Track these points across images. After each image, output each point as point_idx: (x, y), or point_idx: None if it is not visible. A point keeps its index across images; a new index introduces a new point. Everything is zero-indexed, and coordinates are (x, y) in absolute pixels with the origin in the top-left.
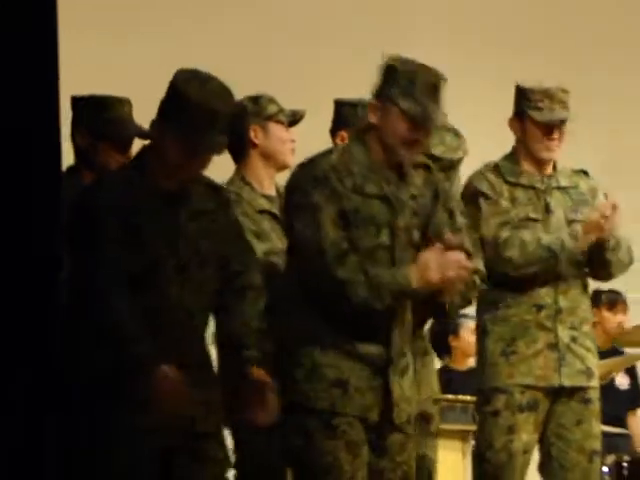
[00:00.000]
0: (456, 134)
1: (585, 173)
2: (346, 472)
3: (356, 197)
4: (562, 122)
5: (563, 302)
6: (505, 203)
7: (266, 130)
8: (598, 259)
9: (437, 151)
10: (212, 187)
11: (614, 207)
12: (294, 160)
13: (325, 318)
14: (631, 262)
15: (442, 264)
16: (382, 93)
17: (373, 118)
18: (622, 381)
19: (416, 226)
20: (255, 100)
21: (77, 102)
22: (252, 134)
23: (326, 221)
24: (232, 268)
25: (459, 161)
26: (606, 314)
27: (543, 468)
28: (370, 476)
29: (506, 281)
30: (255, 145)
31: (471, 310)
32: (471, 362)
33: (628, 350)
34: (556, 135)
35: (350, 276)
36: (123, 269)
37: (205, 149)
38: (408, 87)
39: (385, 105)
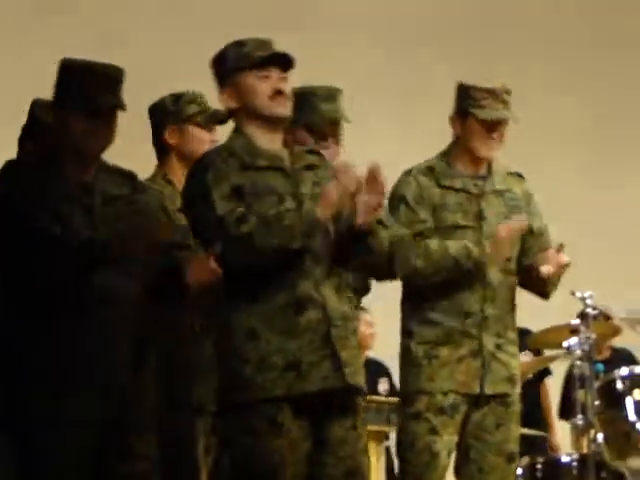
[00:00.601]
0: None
1: (520, 176)
2: (293, 472)
3: (249, 172)
4: (504, 122)
5: (490, 310)
6: (424, 214)
7: (183, 131)
8: (535, 282)
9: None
10: (126, 174)
11: (564, 265)
12: None
13: (257, 301)
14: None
15: (340, 185)
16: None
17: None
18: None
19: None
20: (176, 100)
21: None
22: (167, 135)
23: (217, 198)
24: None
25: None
26: None
27: (460, 470)
28: (313, 471)
29: (431, 288)
30: (171, 146)
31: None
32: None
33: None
34: (497, 134)
35: (256, 227)
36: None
37: (104, 106)
38: None
39: None
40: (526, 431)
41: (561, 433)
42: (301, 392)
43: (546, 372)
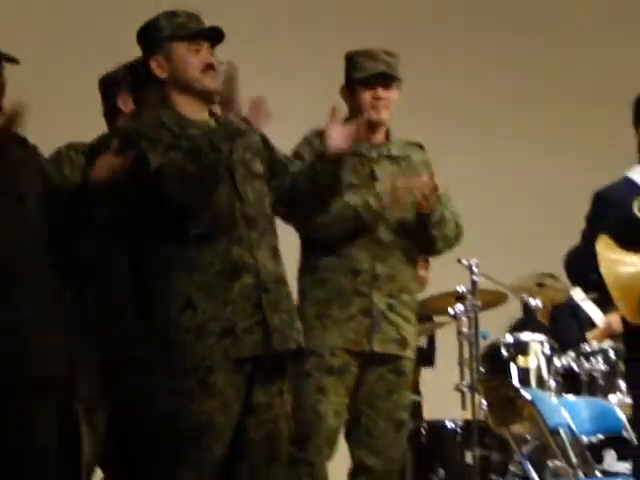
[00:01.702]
0: None
1: (420, 147)
2: (219, 433)
3: (181, 140)
4: (386, 79)
5: (380, 269)
6: None
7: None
8: (423, 234)
9: None
10: (19, 140)
11: (435, 187)
12: None
13: (192, 270)
14: (458, 238)
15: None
16: None
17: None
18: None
19: (252, 160)
20: (129, 68)
21: None
22: (121, 103)
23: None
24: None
25: None
26: None
27: (350, 435)
28: (236, 434)
29: (324, 246)
30: (124, 114)
31: None
32: None
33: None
34: (382, 94)
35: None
36: None
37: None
38: None
39: None
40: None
41: (446, 399)
42: (237, 357)
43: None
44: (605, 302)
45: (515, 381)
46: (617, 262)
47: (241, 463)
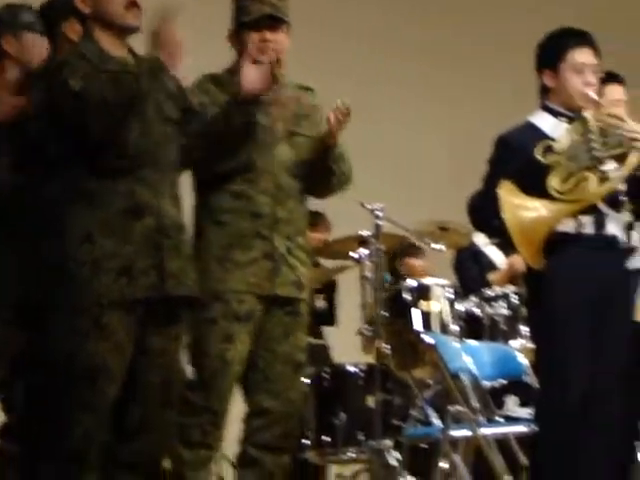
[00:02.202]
0: None
1: (310, 89)
2: (113, 375)
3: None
4: (273, 22)
5: (281, 212)
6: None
7: (20, 40)
8: (321, 170)
9: None
10: None
11: (347, 113)
12: None
13: (95, 206)
14: (350, 178)
15: None
16: None
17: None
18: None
19: (165, 102)
20: (10, 10)
21: None
22: (5, 44)
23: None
24: None
25: None
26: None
27: (247, 379)
28: (131, 376)
29: (224, 189)
30: (9, 55)
31: None
32: None
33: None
34: (269, 36)
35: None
36: None
37: None
38: None
39: None
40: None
41: (349, 343)
42: (132, 298)
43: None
44: (508, 246)
45: (417, 325)
46: (519, 207)
47: (134, 406)
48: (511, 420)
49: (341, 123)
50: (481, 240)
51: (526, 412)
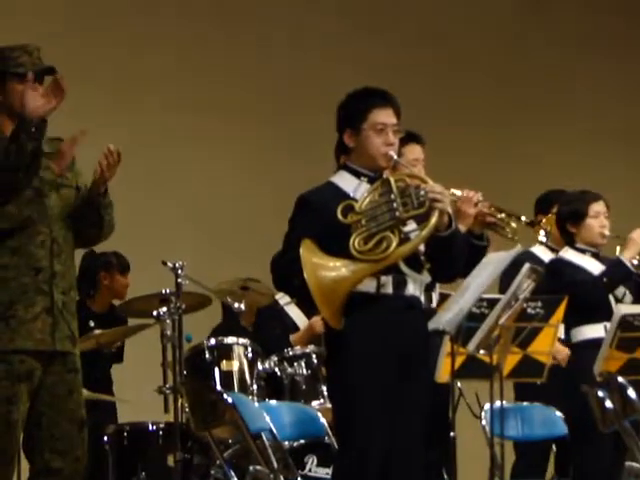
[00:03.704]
0: None
1: (61, 140)
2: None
3: None
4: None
5: (57, 266)
6: None
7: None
8: (92, 217)
9: None
10: None
11: (118, 158)
12: None
13: None
14: (113, 228)
15: None
16: None
17: None
18: None
19: None
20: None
21: None
22: None
23: None
24: None
25: None
26: (117, 277)
27: (30, 438)
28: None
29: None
30: None
31: None
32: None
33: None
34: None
35: None
36: None
37: None
38: None
39: None
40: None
41: (149, 401)
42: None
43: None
44: (310, 306)
45: (217, 385)
46: (320, 266)
47: None
48: None
49: (112, 167)
50: (283, 299)
51: (325, 472)
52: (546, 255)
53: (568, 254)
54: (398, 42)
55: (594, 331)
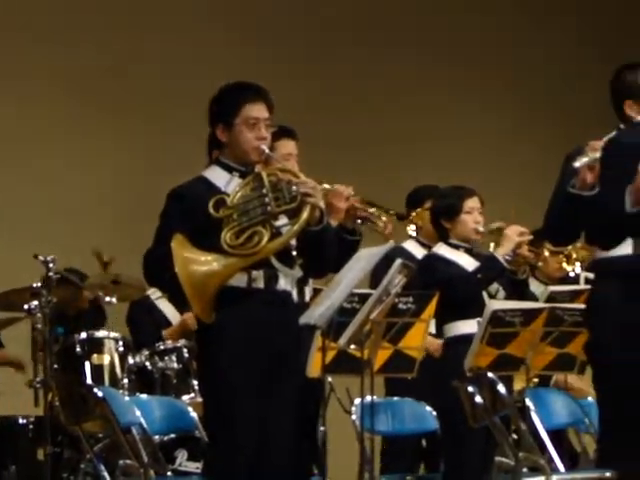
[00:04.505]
0: None
1: None
2: None
3: None
4: None
5: None
6: None
7: None
8: None
9: None
10: None
11: None
12: None
13: None
14: None
15: None
16: None
17: None
18: None
19: None
20: None
21: None
22: None
23: None
24: None
25: None
26: None
27: None
28: None
29: None
30: None
31: None
32: None
33: None
34: None
35: None
36: None
37: None
38: None
39: None
40: None
41: (20, 395)
42: None
43: None
44: (181, 301)
45: (88, 378)
46: (191, 260)
47: None
48: (180, 474)
49: None
50: (155, 294)
51: (195, 466)
52: (417, 250)
53: (442, 249)
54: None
55: (467, 326)
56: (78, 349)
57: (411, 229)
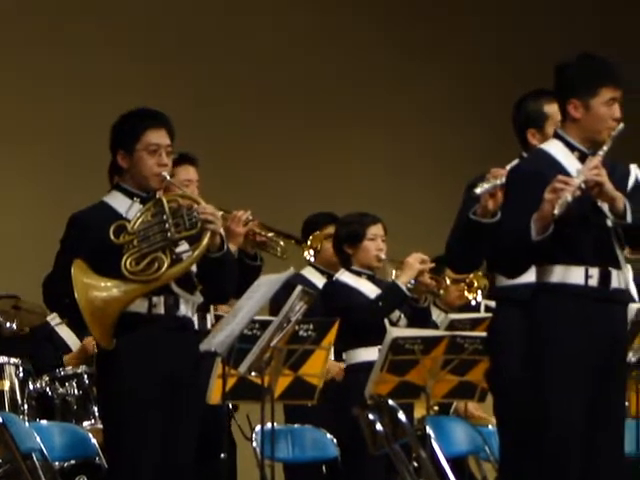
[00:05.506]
0: None
1: None
2: None
3: None
4: None
5: None
6: None
7: None
8: None
9: None
10: None
11: None
12: None
13: None
14: None
15: None
16: None
17: None
18: None
19: None
20: None
21: None
22: None
23: None
24: None
25: None
26: None
27: None
28: None
29: None
30: None
31: None
32: None
33: None
34: None
35: None
36: None
37: None
38: None
39: None
40: None
41: None
42: None
43: None
44: (81, 326)
45: None
46: (90, 286)
47: None
48: None
49: None
50: (54, 320)
51: None
52: (316, 278)
53: (344, 276)
54: None
55: (368, 354)
56: None
57: (309, 254)
